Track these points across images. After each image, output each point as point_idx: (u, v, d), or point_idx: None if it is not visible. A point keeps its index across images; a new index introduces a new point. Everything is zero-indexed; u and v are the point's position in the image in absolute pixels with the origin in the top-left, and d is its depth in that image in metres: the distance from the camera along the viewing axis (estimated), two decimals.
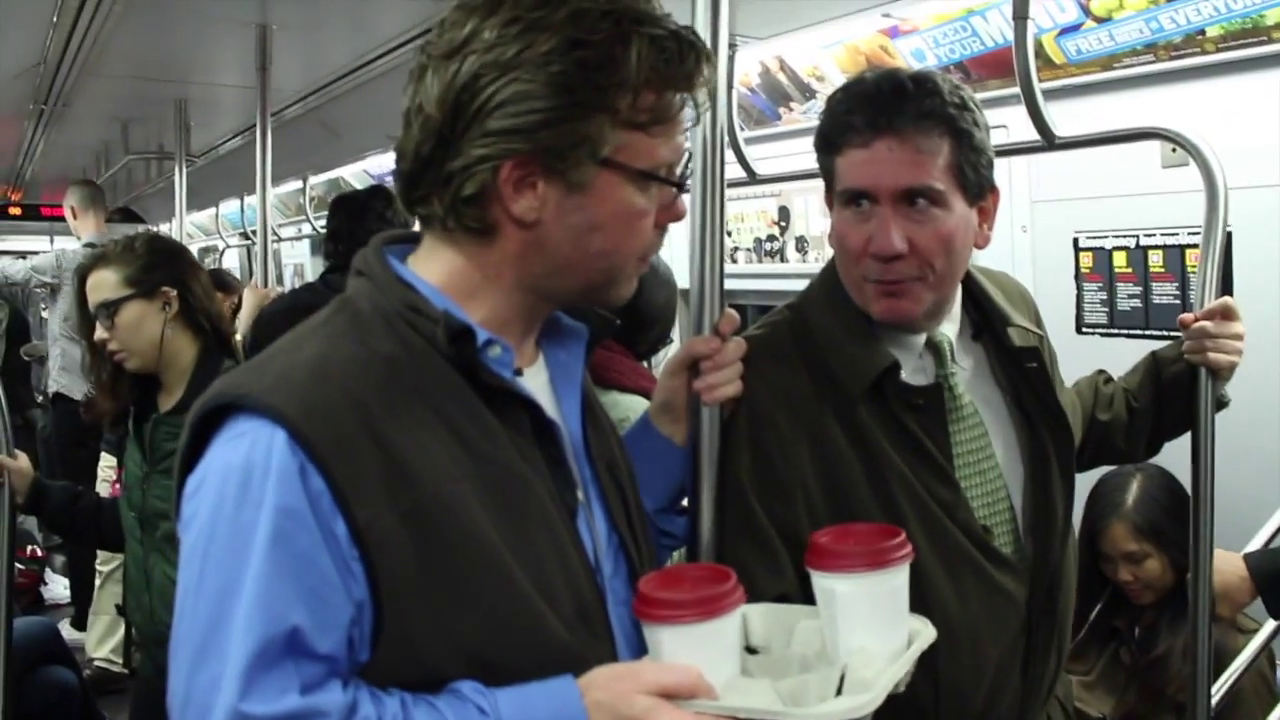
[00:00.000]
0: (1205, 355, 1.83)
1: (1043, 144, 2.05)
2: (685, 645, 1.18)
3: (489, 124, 1.18)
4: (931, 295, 1.59)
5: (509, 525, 1.20)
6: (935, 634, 1.31)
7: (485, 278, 1.26)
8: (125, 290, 2.66)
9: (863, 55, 3.22)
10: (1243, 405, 2.12)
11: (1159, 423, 2.03)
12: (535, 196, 1.21)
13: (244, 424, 1.13)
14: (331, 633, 1.11)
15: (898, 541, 1.27)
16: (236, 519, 1.10)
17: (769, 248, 4.29)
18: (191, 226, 9.39)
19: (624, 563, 1.37)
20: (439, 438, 1.18)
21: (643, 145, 1.23)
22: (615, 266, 1.28)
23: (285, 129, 5.09)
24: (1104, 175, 3.04)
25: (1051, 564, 1.66)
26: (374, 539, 1.11)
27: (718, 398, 1.55)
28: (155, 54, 4.05)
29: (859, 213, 1.58)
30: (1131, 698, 2.62)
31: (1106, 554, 2.68)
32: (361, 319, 1.23)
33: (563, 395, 1.36)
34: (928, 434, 1.60)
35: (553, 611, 1.21)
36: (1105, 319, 3.16)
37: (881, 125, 1.53)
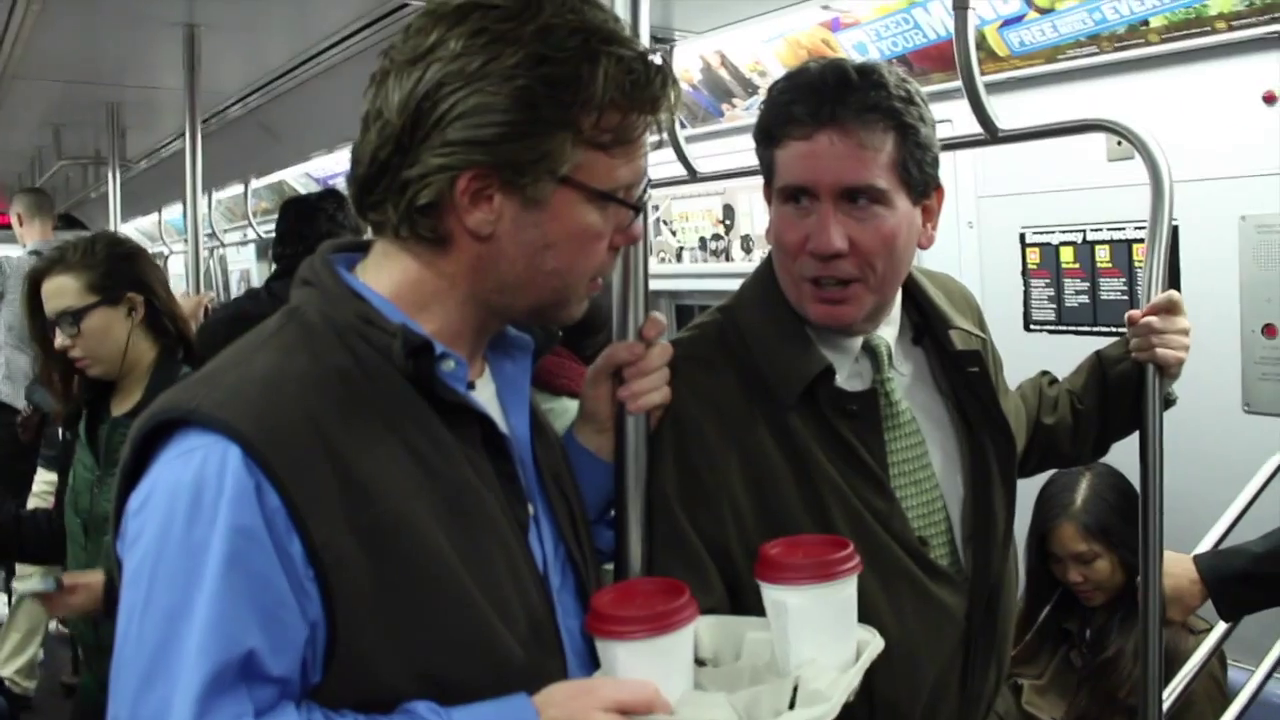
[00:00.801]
0: (1153, 352, 1.79)
1: (986, 137, 2.01)
2: (640, 660, 1.19)
3: (449, 134, 1.17)
4: (872, 298, 1.54)
5: (464, 542, 1.19)
6: (883, 644, 1.31)
7: (437, 290, 1.25)
8: (90, 298, 2.60)
9: (805, 49, 3.18)
10: (1191, 404, 2.09)
11: (1105, 424, 1.99)
12: (491, 210, 1.20)
13: (194, 439, 1.11)
14: (286, 655, 1.09)
15: (847, 553, 1.27)
16: (187, 538, 1.07)
17: (714, 246, 4.25)
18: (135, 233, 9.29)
19: (571, 575, 1.37)
20: (394, 454, 1.17)
21: (603, 165, 1.22)
22: (567, 286, 1.28)
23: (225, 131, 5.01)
24: (1050, 169, 3.03)
25: (991, 575, 1.61)
26: (330, 558, 1.10)
27: (643, 406, 1.49)
28: (83, 56, 3.95)
29: (798, 209, 1.52)
30: (1083, 701, 2.59)
31: (1056, 555, 2.65)
32: (312, 331, 1.21)
33: (511, 408, 1.36)
34: (862, 442, 1.55)
35: (507, 629, 1.20)
36: (1053, 316, 3.14)
37: (824, 117, 1.47)
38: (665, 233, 4.45)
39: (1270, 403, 2.69)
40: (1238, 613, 2.23)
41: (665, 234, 4.45)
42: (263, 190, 7.04)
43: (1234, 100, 2.61)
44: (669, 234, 4.43)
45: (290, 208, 3.82)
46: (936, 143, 1.55)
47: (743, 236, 4.16)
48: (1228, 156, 2.65)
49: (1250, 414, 2.72)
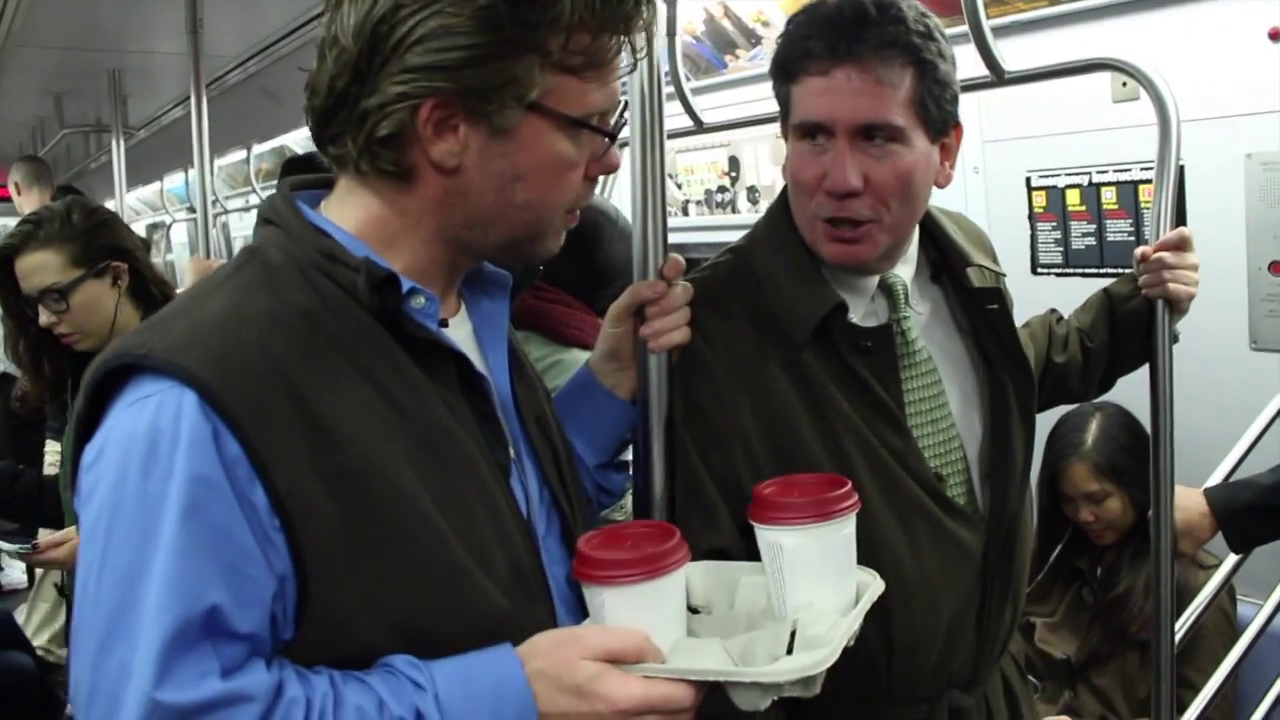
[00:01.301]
0: (1164, 287, 1.80)
1: (992, 79, 2.01)
2: (629, 607, 1.13)
3: (409, 59, 1.10)
4: (887, 238, 1.53)
5: (440, 487, 1.14)
6: (884, 586, 1.27)
7: (404, 226, 1.20)
8: (75, 271, 2.54)
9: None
10: (1199, 342, 2.10)
11: (1114, 360, 2.01)
12: (456, 140, 1.14)
13: (148, 386, 1.05)
14: (253, 610, 1.04)
15: (844, 491, 1.23)
16: (143, 491, 1.02)
17: (720, 199, 4.24)
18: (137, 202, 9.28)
19: (557, 520, 1.33)
20: (362, 395, 1.11)
21: (574, 90, 1.16)
22: (540, 219, 1.22)
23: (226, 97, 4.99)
24: (1055, 113, 3.01)
25: (1009, 513, 1.61)
26: (296, 507, 1.04)
27: (665, 344, 1.50)
28: (85, 23, 3.94)
29: (814, 146, 1.51)
30: (1095, 637, 2.64)
31: (1067, 494, 2.68)
32: (273, 269, 1.15)
33: (488, 347, 1.31)
34: (878, 379, 1.55)
35: (488, 577, 1.15)
36: (1060, 259, 3.14)
37: (841, 52, 1.45)
38: (670, 186, 4.43)
39: (1277, 339, 2.70)
40: (1247, 545, 2.26)
41: (671, 187, 4.43)
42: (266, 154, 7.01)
43: (1239, 38, 2.59)
44: (674, 187, 4.41)
45: (290, 168, 3.78)
46: (956, 80, 1.53)
47: (748, 188, 4.15)
48: (1233, 95, 2.64)
49: (1257, 350, 2.73)
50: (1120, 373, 2.04)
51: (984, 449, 1.64)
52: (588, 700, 1.09)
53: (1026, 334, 1.93)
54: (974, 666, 1.61)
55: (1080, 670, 2.66)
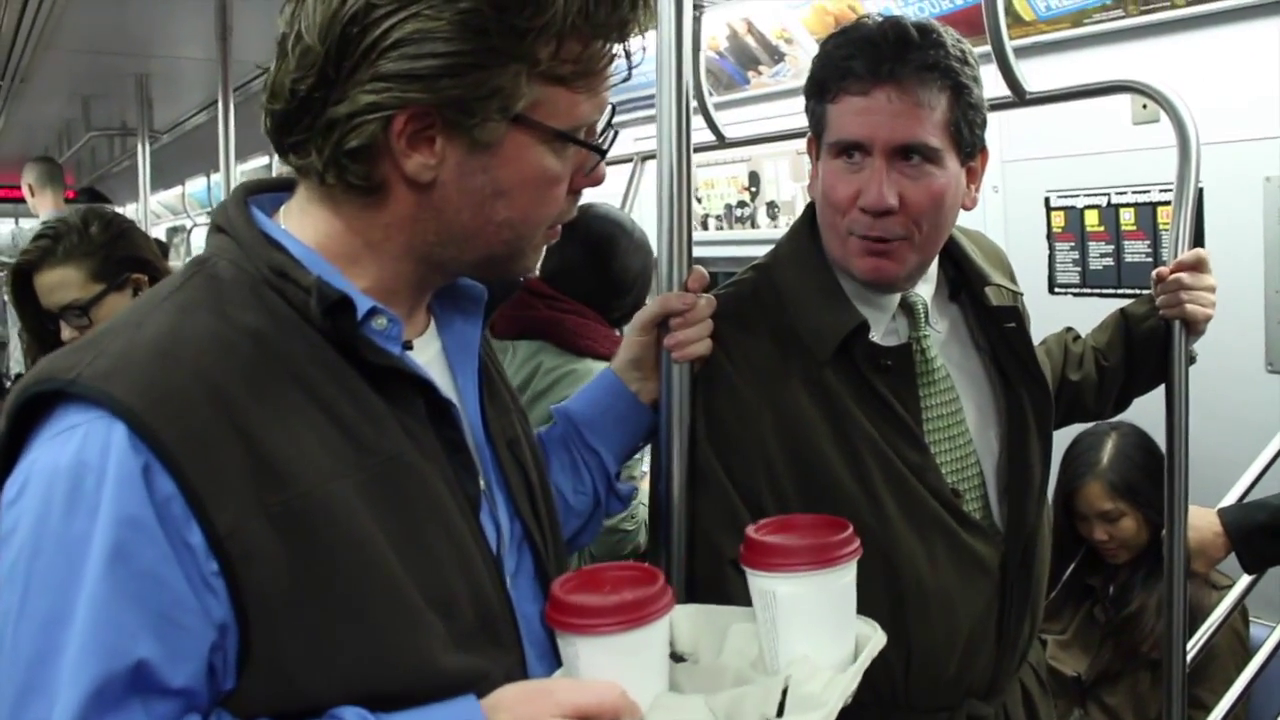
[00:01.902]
0: (1182, 308, 1.81)
1: (1013, 99, 2.04)
2: (605, 658, 1.03)
3: (382, 66, 1.00)
4: (916, 257, 1.55)
5: (399, 526, 1.03)
6: (885, 639, 1.18)
7: (369, 242, 1.09)
8: (96, 287, 2.47)
9: (831, 15, 3.19)
10: (1216, 364, 2.12)
11: (1129, 380, 2.02)
12: (432, 153, 1.04)
13: (74, 415, 0.95)
14: (187, 663, 0.94)
15: (845, 535, 1.13)
16: (65, 531, 0.92)
17: (740, 213, 4.27)
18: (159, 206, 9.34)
19: (529, 555, 1.23)
20: (314, 426, 1.01)
21: (562, 101, 1.07)
22: (520, 237, 1.12)
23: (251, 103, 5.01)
24: (1074, 134, 3.04)
25: (1027, 527, 1.63)
26: (237, 549, 0.94)
27: (688, 355, 1.52)
28: (113, 26, 3.96)
29: (849, 164, 1.53)
30: (1106, 655, 2.64)
31: (1082, 513, 2.68)
32: (221, 284, 1.05)
33: (458, 367, 1.21)
34: (897, 396, 1.57)
35: (450, 624, 1.05)
36: (1078, 279, 3.16)
37: (883, 74, 1.47)
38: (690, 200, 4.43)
39: None
40: (1261, 565, 2.26)
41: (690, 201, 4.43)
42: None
43: (1258, 61, 2.62)
44: (694, 202, 4.41)
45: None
46: (985, 105, 1.56)
47: (768, 203, 4.17)
48: (1252, 118, 2.67)
49: (1274, 373, 2.75)
50: (1136, 393, 2.06)
51: (1001, 465, 1.66)
52: None
53: (1043, 351, 1.94)
54: (993, 676, 1.63)
55: (1091, 688, 2.65)
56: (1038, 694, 1.76)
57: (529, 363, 2.42)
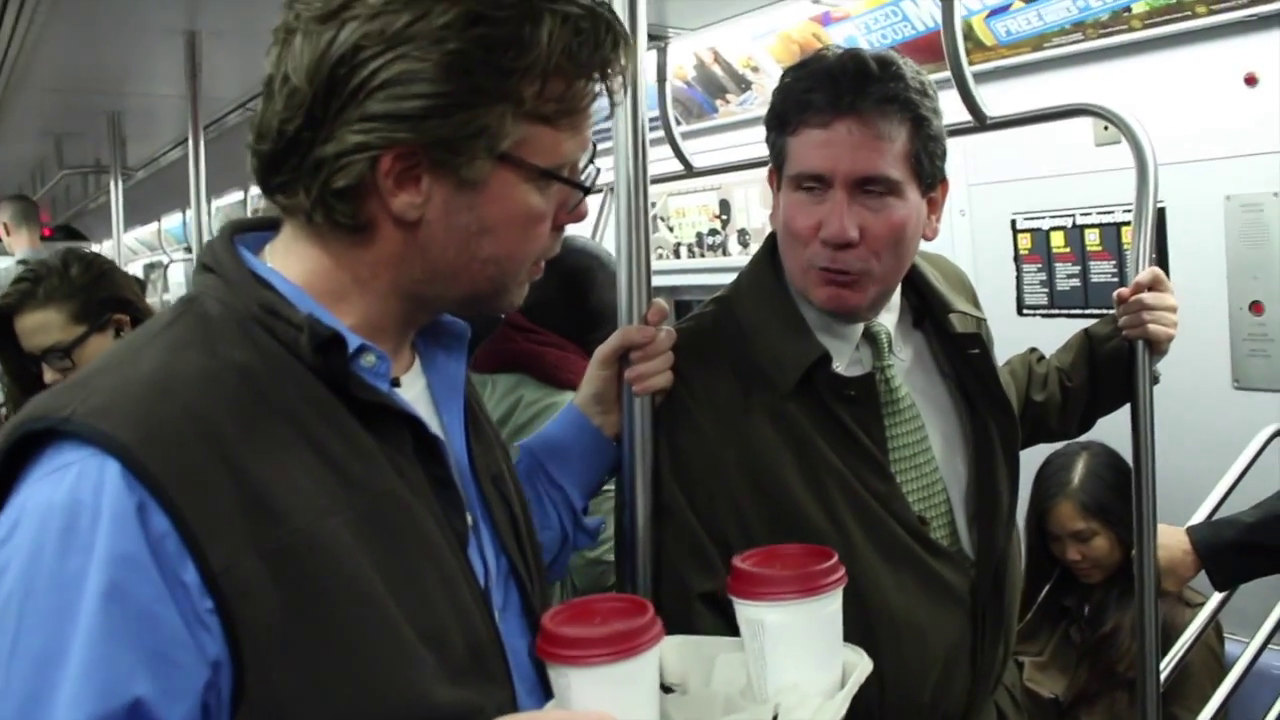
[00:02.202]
0: (1144, 328, 1.82)
1: (974, 124, 2.05)
2: (597, 689, 1.03)
3: (369, 106, 1.01)
4: (877, 288, 1.56)
5: (391, 563, 1.04)
6: (871, 665, 1.19)
7: (356, 279, 1.10)
8: (78, 329, 2.48)
9: (796, 44, 3.22)
10: (1183, 381, 2.13)
11: (1093, 400, 2.03)
12: (419, 193, 1.06)
13: (68, 454, 0.95)
14: (182, 701, 0.93)
15: (830, 564, 1.14)
16: (59, 571, 0.91)
17: (711, 241, 4.29)
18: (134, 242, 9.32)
19: (515, 590, 1.23)
20: (305, 463, 1.01)
21: (546, 140, 1.08)
22: (504, 273, 1.13)
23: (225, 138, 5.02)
24: (1039, 156, 3.07)
25: (996, 553, 1.63)
26: (232, 587, 0.94)
27: (649, 388, 1.52)
28: (84, 65, 3.95)
29: (810, 196, 1.53)
30: (1083, 676, 2.64)
31: (1054, 533, 2.69)
32: (210, 322, 1.05)
33: (443, 404, 1.22)
34: (861, 426, 1.57)
35: (443, 660, 1.06)
36: (1045, 300, 3.18)
37: (844, 106, 1.48)
38: (663, 229, 4.48)
39: (1259, 378, 2.73)
40: (1231, 582, 2.27)
41: (663, 230, 4.48)
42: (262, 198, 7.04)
43: (1216, 83, 2.65)
44: (666, 231, 4.46)
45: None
46: (945, 136, 1.57)
47: (739, 231, 4.19)
48: (1212, 138, 2.70)
49: (1240, 390, 2.77)
50: (1100, 413, 2.07)
51: (969, 492, 1.66)
52: None
53: (1007, 373, 1.96)
54: (968, 702, 1.62)
55: (1069, 709, 2.65)
56: (1012, 715, 1.76)
57: (509, 396, 2.42)
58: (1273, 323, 2.68)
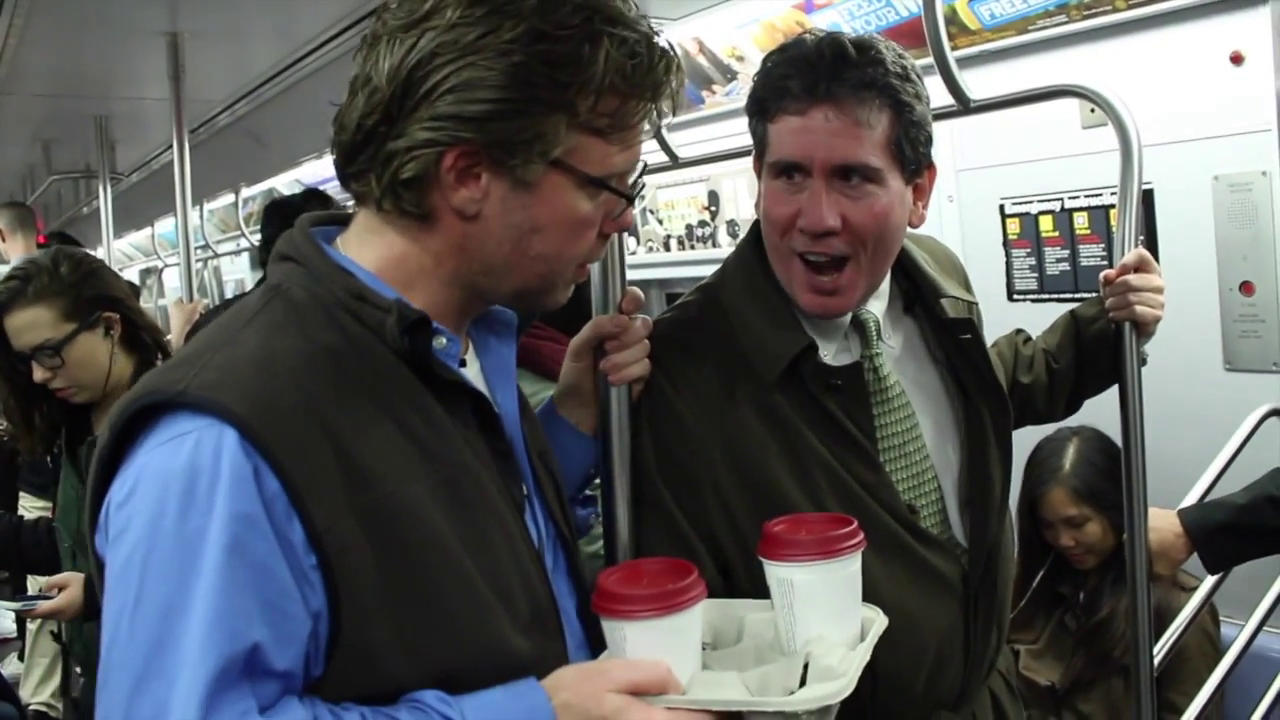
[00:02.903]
0: (1131, 310, 1.80)
1: (958, 108, 2.03)
2: (649, 640, 1.16)
3: (438, 107, 1.13)
4: (864, 282, 1.53)
5: (465, 526, 1.15)
6: (887, 621, 1.30)
7: (422, 268, 1.21)
8: (68, 326, 2.51)
9: (780, 32, 3.20)
10: (1174, 363, 2.12)
11: (1080, 382, 2.02)
12: (478, 189, 1.16)
13: (184, 423, 1.05)
14: (290, 647, 1.04)
15: (851, 529, 1.27)
16: (181, 528, 1.02)
17: (701, 233, 4.28)
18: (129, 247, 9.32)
19: (563, 554, 1.35)
20: (390, 435, 1.13)
21: (598, 151, 1.18)
22: (553, 271, 1.24)
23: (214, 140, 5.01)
24: (1026, 140, 3.06)
25: (989, 540, 1.61)
26: (333, 544, 1.05)
27: (625, 378, 1.51)
28: (68, 69, 3.95)
29: (789, 184, 1.51)
30: (1079, 663, 2.63)
31: (1047, 520, 2.68)
32: (298, 308, 1.17)
33: (497, 385, 1.32)
34: (849, 415, 1.55)
35: (510, 615, 1.17)
36: (1035, 284, 3.17)
37: (820, 93, 1.45)
38: (652, 222, 4.47)
39: (1250, 359, 2.72)
40: (1222, 565, 2.26)
41: (652, 223, 4.47)
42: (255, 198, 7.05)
43: (1202, 62, 2.63)
44: (656, 223, 4.45)
45: (274, 211, 3.73)
46: (930, 121, 1.54)
47: (728, 221, 4.18)
48: (1199, 118, 2.68)
49: (1231, 371, 2.76)
50: (1087, 394, 2.05)
51: (961, 479, 1.64)
52: None
53: (994, 354, 1.93)
54: (961, 689, 1.61)
55: (1065, 697, 2.65)
56: (1007, 700, 1.75)
57: None
58: (1263, 303, 2.66)
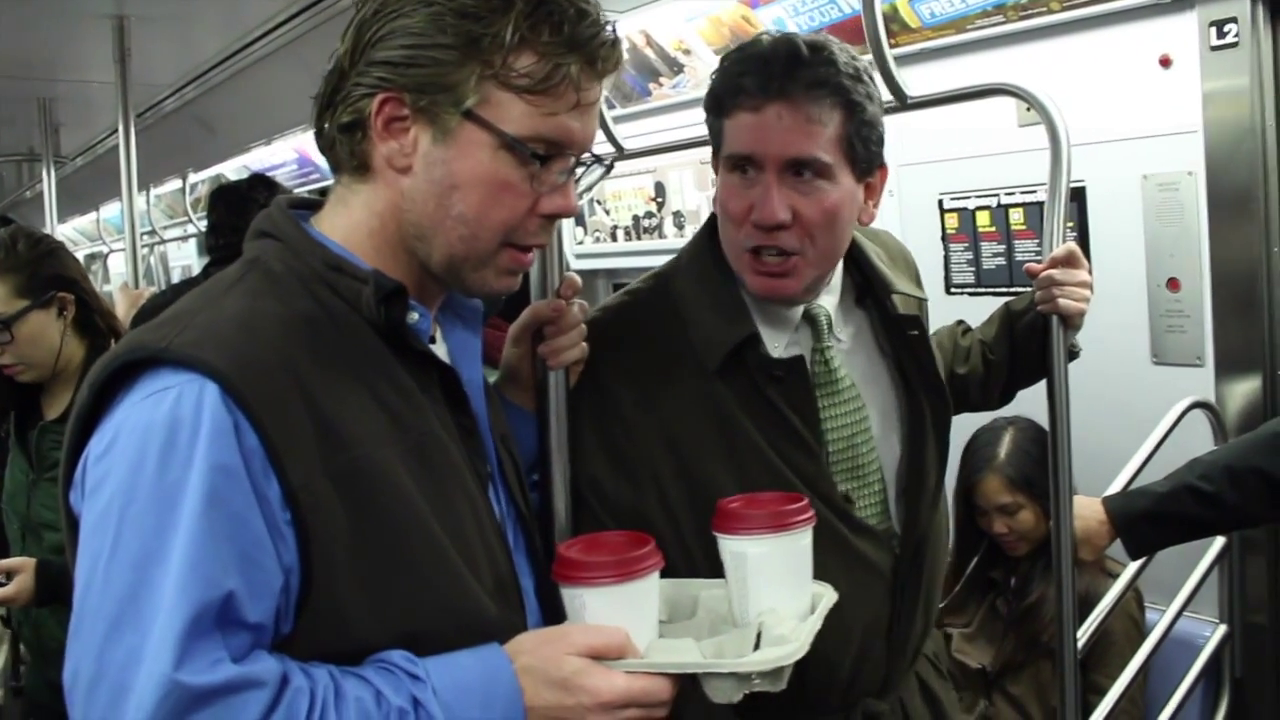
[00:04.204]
0: (1055, 303, 1.85)
1: (895, 104, 2.08)
2: (608, 607, 1.20)
3: (371, 55, 1.18)
4: (812, 272, 1.57)
5: (434, 493, 1.18)
6: (837, 596, 1.34)
7: (370, 231, 1.24)
8: (20, 302, 2.50)
9: (726, 27, 3.23)
10: (1103, 356, 2.17)
11: (1013, 373, 2.07)
12: (407, 140, 1.20)
13: (167, 378, 1.07)
14: (262, 600, 1.06)
15: (802, 504, 1.31)
16: (161, 479, 1.04)
17: (647, 224, 4.31)
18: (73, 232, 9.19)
19: (522, 536, 1.37)
20: (362, 402, 1.15)
21: (516, 109, 1.18)
22: (476, 237, 1.22)
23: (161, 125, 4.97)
24: (965, 137, 3.10)
25: (919, 529, 1.66)
26: (307, 501, 1.08)
27: (562, 362, 1.54)
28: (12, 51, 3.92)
29: (744, 179, 1.55)
30: (1009, 646, 2.69)
31: (981, 507, 2.74)
32: (276, 279, 1.19)
33: (463, 368, 1.33)
34: (790, 405, 1.58)
35: (477, 582, 1.20)
36: (972, 279, 3.22)
37: (773, 91, 1.49)
38: (599, 212, 4.49)
39: (1176, 353, 2.79)
40: (1143, 550, 2.32)
41: (599, 213, 4.49)
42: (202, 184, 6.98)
43: (1133, 64, 2.70)
44: (603, 213, 4.47)
45: (220, 197, 3.68)
46: (882, 121, 1.58)
47: (674, 213, 4.21)
48: (1129, 118, 2.74)
49: (1158, 364, 2.83)
50: (1020, 385, 2.10)
51: (900, 469, 1.69)
52: (573, 693, 1.15)
53: (934, 344, 1.98)
54: (885, 674, 1.65)
55: (996, 679, 2.71)
56: (936, 682, 1.80)
57: None
58: (1188, 299, 2.73)
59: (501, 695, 1.14)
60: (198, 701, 1.00)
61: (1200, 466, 2.20)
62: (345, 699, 1.08)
